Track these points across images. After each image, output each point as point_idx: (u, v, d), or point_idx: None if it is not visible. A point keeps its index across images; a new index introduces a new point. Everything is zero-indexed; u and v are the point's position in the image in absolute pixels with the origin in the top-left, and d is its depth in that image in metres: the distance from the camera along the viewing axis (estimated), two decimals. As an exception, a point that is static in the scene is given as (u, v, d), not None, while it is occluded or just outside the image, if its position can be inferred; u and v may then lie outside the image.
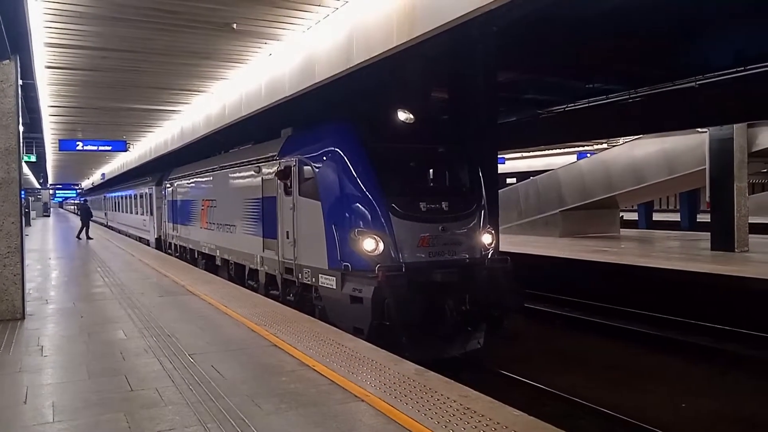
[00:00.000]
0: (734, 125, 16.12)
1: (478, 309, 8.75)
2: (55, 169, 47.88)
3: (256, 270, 12.10)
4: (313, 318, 8.98)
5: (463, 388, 5.48)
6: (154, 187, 23.58)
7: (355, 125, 9.50)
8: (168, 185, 21.04)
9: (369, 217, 8.73)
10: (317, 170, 9.51)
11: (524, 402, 6.48)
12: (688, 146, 19.27)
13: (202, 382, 5.71)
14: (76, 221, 43.63)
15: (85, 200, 39.38)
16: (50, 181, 63.61)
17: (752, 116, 15.32)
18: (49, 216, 64.43)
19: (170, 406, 5.10)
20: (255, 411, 4.94)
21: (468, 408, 4.89)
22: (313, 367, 6.14)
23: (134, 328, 8.21)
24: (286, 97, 11.33)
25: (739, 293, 11.72)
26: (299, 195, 9.94)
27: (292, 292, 10.46)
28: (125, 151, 25.68)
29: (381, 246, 8.54)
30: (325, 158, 9.42)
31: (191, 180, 17.85)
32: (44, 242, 26.98)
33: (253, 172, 12.04)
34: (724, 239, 16.39)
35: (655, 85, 13.77)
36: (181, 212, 19.26)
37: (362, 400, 5.13)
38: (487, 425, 4.53)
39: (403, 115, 9.54)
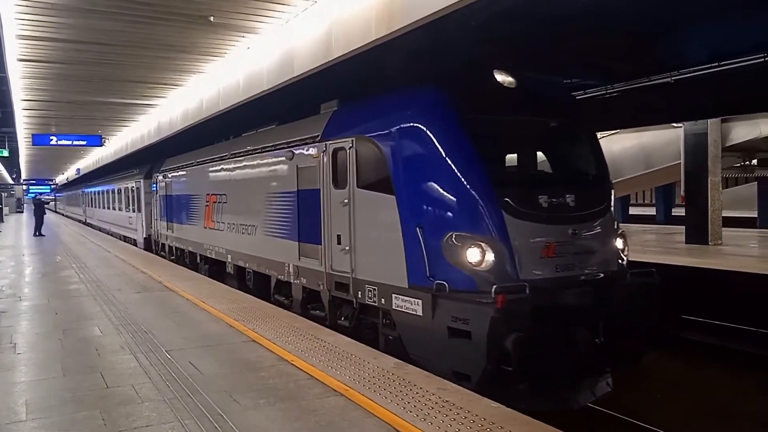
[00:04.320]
0: (708, 120, 16.36)
1: (615, 340, 6.55)
2: (28, 165, 47.05)
3: (288, 283, 9.76)
4: (292, 313, 8.88)
5: (441, 381, 5.51)
6: (142, 181, 21.58)
7: (444, 90, 7.14)
8: (160, 177, 18.62)
9: (474, 215, 6.49)
10: (389, 153, 7.23)
11: None
12: (664, 141, 19.53)
13: (179, 379, 5.66)
14: (50, 216, 43.02)
15: (38, 196, 38.47)
16: (24, 176, 62.59)
17: (726, 111, 15.56)
18: (22, 212, 63.38)
19: (147, 402, 5.05)
20: (233, 406, 4.91)
21: (447, 401, 4.91)
22: (291, 362, 6.12)
23: (110, 324, 8.11)
24: (264, 91, 11.23)
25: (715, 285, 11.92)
26: (358, 186, 7.70)
27: (346, 314, 8.22)
28: (101, 145, 25.32)
29: (490, 256, 6.29)
30: (402, 136, 7.15)
31: (191, 171, 15.48)
32: (18, 239, 26.55)
33: (283, 159, 9.71)
34: (698, 233, 16.65)
35: (632, 80, 13.92)
36: (177, 209, 16.85)
37: (341, 394, 5.13)
38: (465, 417, 4.55)
39: (503, 77, 7.29)
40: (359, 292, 7.70)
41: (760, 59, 9.74)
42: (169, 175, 17.66)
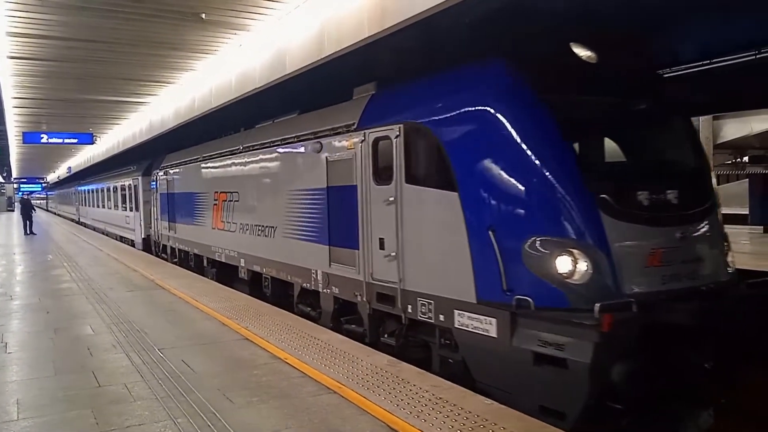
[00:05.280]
0: (700, 118, 16.44)
1: (727, 364, 5.58)
2: (19, 163, 46.78)
3: (316, 292, 8.65)
4: (284, 311, 8.78)
5: (435, 378, 5.53)
6: (140, 178, 20.42)
7: (517, 65, 5.98)
8: (161, 174, 17.46)
9: (564, 215, 5.40)
10: (450, 141, 6.16)
11: None
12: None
13: (172, 377, 5.64)
14: (40, 215, 42.78)
15: (25, 195, 38.10)
16: (14, 174, 62.21)
17: (717, 109, 15.64)
18: (13, 210, 62.97)
19: (139, 401, 5.04)
20: (226, 405, 4.90)
21: (440, 398, 4.92)
22: (285, 359, 6.11)
23: (102, 323, 8.08)
24: (257, 88, 11.19)
25: None
26: (407, 182, 6.65)
27: (391, 331, 7.17)
28: (92, 143, 25.19)
29: (584, 266, 5.20)
30: (466, 121, 6.11)
31: (197, 166, 14.30)
32: (8, 237, 26.41)
33: (309, 152, 8.67)
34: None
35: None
36: (181, 208, 15.68)
37: (335, 392, 5.13)
38: (458, 414, 4.56)
39: (583, 51, 6.19)
40: (409, 306, 6.63)
41: (750, 57, 9.79)
42: (171, 172, 16.53)
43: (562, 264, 5.23)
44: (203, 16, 9.61)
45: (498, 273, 5.50)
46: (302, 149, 8.99)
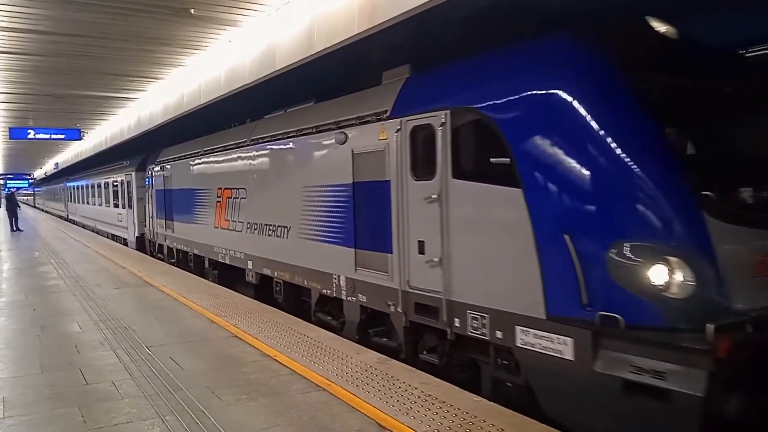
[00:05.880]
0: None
1: None
2: (5, 159, 46.30)
3: (338, 300, 7.83)
4: (273, 309, 8.74)
5: (424, 375, 5.53)
6: (133, 173, 19.66)
7: (592, 41, 5.18)
8: (157, 169, 16.65)
9: (659, 216, 4.54)
10: (511, 129, 5.32)
11: None
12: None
13: (160, 375, 5.62)
14: (27, 212, 42.42)
15: (11, 191, 37.63)
16: (0, 170, 61.58)
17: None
18: (0, 207, 62.43)
19: (127, 399, 5.01)
20: (215, 402, 4.88)
21: (429, 395, 4.92)
22: (274, 357, 6.10)
23: (89, 320, 8.02)
24: (246, 84, 11.13)
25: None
26: (455, 177, 5.85)
27: (431, 347, 6.41)
28: (79, 139, 24.95)
29: (685, 277, 4.38)
30: (533, 106, 5.24)
31: (198, 161, 13.44)
32: (-5, 234, 26.15)
33: (330, 143, 7.87)
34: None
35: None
36: (179, 205, 14.80)
37: (324, 389, 5.12)
38: (448, 411, 4.57)
39: (664, 27, 5.40)
40: (456, 320, 5.84)
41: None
42: (169, 167, 15.59)
43: (658, 274, 4.40)
44: (192, 11, 9.54)
45: (575, 284, 4.67)
46: (322, 141, 8.16)
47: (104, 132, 25.12)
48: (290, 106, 10.12)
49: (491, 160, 5.64)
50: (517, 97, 5.38)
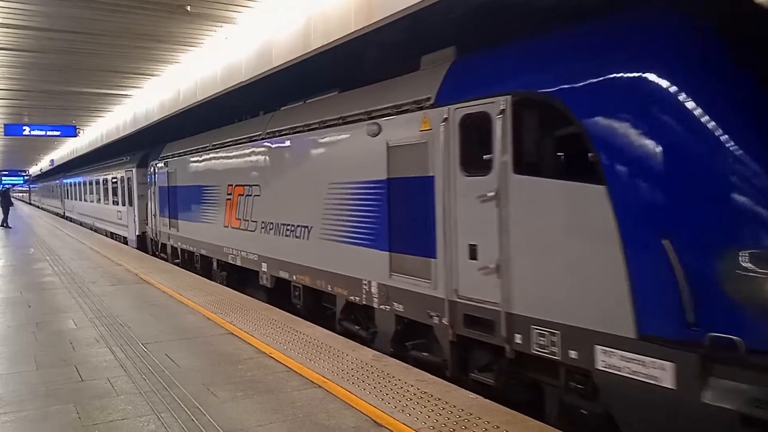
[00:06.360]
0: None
1: None
2: (0, 155, 46.13)
3: (369, 308, 7.17)
4: (269, 305, 8.74)
5: (420, 372, 5.54)
6: (134, 170, 19.00)
7: (695, 14, 4.49)
8: (160, 165, 16.00)
9: None
10: (594, 118, 4.61)
11: None
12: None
13: (155, 371, 5.61)
14: (22, 209, 42.29)
15: (5, 188, 37.40)
16: (-5, 167, 61.37)
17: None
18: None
19: (122, 395, 5.00)
20: (210, 399, 4.88)
21: (425, 392, 4.93)
22: (270, 354, 6.10)
23: (85, 317, 8.01)
24: (242, 82, 11.12)
25: None
26: (517, 172, 5.16)
27: (485, 365, 5.70)
28: (75, 136, 24.91)
29: None
30: (622, 91, 4.51)
31: (206, 157, 12.74)
32: (-11, 231, 26.07)
33: (360, 135, 7.19)
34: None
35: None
36: (185, 203, 14.07)
37: (320, 386, 5.13)
38: (443, 408, 4.58)
39: None
40: (517, 335, 5.14)
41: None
42: (173, 163, 14.91)
43: None
44: (188, 8, 9.52)
45: (677, 299, 4.02)
46: (350, 133, 7.52)
47: (100, 129, 25.06)
48: (309, 97, 9.44)
49: (564, 152, 5.07)
50: (601, 78, 4.64)
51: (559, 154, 5.25)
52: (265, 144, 9.93)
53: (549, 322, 4.86)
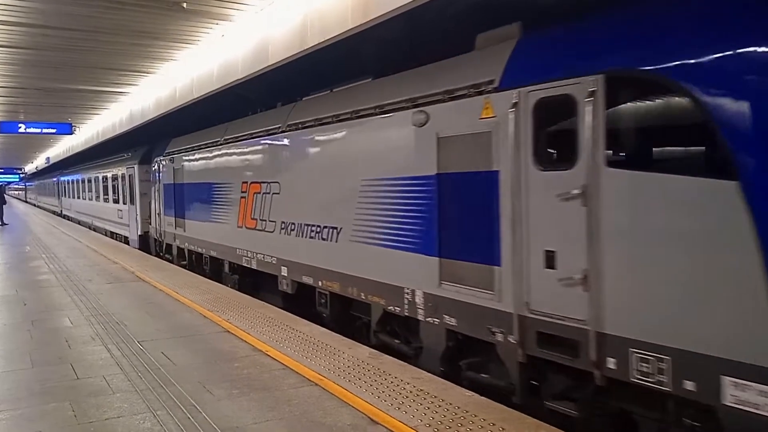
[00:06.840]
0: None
1: None
2: (-4, 153, 46.00)
3: (412, 320, 6.47)
4: (266, 303, 8.72)
5: (416, 370, 5.54)
6: (136, 167, 18.22)
7: None
8: (165, 162, 15.23)
9: None
10: (724, 101, 3.79)
11: None
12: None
13: (151, 369, 5.60)
14: (19, 206, 42.18)
15: (0, 185, 37.26)
16: (-9, 164, 61.17)
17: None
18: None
19: (118, 393, 5.00)
20: (207, 397, 4.87)
21: (421, 390, 4.94)
22: (266, 352, 6.10)
23: (81, 315, 7.99)
24: (239, 79, 11.09)
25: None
26: (611, 165, 4.42)
27: (564, 392, 4.94)
28: (71, 134, 24.83)
29: None
30: (763, 71, 3.68)
31: (217, 152, 11.95)
32: (-15, 228, 25.99)
33: (404, 126, 6.43)
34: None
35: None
36: (192, 201, 13.28)
37: (316, 384, 5.13)
38: (439, 406, 4.58)
39: None
40: (610, 360, 4.36)
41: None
42: (179, 159, 14.15)
43: None
44: (184, 5, 9.48)
45: None
46: (389, 124, 6.75)
47: (96, 126, 24.99)
48: (336, 85, 8.67)
49: (682, 141, 4.39)
50: (732, 53, 3.81)
51: (672, 142, 4.52)
52: (286, 137, 9.16)
53: (655, 345, 4.07)
